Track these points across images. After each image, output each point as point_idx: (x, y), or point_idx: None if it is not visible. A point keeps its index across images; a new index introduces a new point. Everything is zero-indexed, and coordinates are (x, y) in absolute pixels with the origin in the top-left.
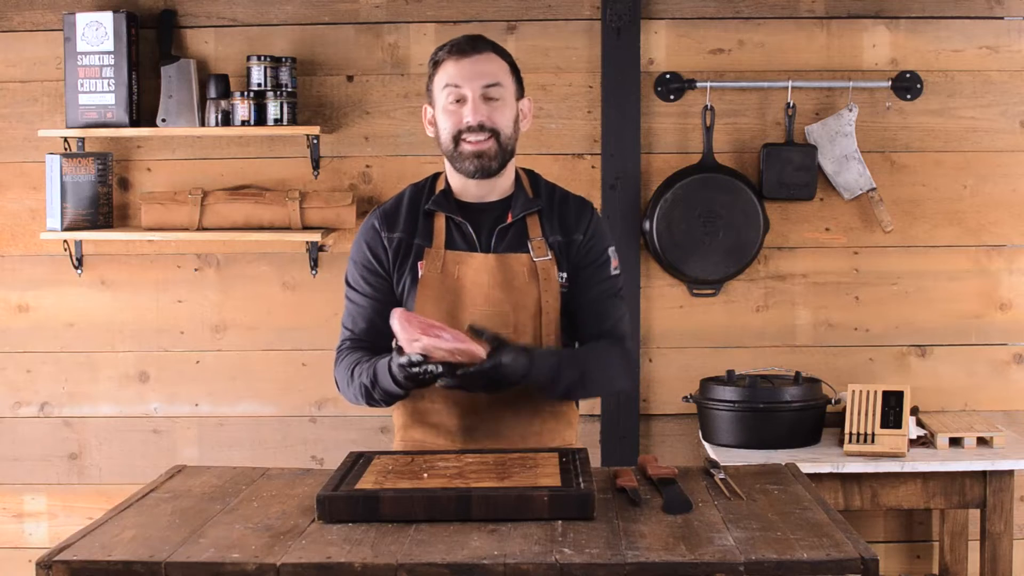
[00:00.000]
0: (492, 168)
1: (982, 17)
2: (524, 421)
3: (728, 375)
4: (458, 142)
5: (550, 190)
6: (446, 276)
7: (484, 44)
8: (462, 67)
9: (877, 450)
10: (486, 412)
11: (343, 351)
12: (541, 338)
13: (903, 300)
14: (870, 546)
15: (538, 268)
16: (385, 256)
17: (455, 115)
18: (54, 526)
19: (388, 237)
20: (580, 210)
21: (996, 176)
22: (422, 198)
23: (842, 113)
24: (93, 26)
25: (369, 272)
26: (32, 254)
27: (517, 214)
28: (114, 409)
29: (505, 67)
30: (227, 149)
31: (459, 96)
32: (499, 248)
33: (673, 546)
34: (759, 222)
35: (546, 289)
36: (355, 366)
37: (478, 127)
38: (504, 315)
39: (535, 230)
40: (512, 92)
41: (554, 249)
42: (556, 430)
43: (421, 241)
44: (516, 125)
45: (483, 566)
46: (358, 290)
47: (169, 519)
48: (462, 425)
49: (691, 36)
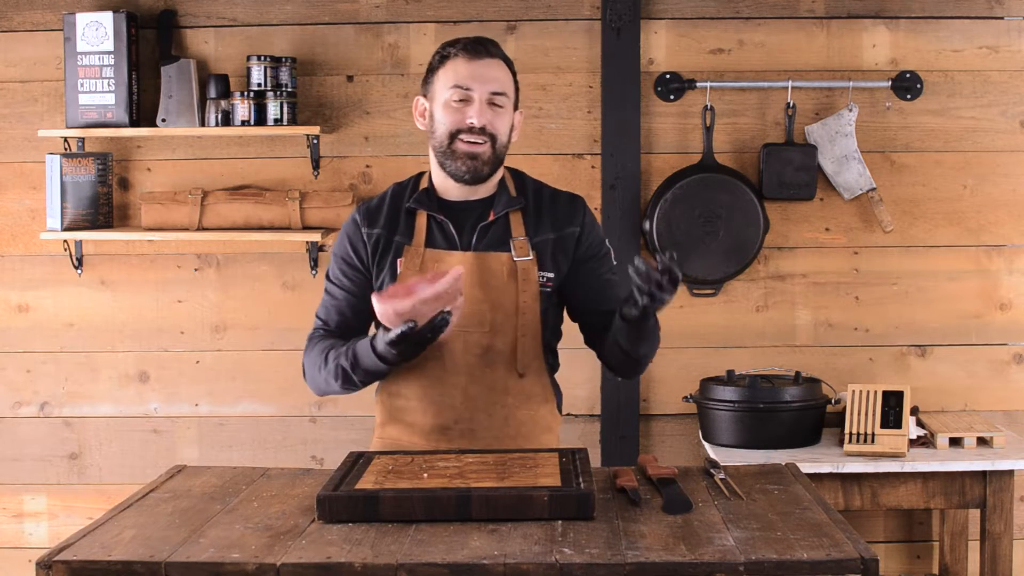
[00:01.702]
0: (483, 173)
1: (982, 17)
2: (498, 423)
3: (728, 375)
4: (454, 140)
5: (537, 188)
6: (424, 274)
7: (496, 50)
8: (473, 69)
9: (877, 450)
10: (461, 413)
11: (314, 339)
12: (518, 338)
13: (903, 300)
14: (870, 546)
15: (518, 268)
16: (364, 251)
17: (457, 113)
18: (54, 526)
19: (368, 233)
20: (572, 204)
21: (996, 176)
22: (404, 195)
23: (842, 113)
24: (93, 26)
25: (348, 266)
26: (32, 254)
27: (499, 211)
28: (114, 409)
29: (510, 78)
30: (227, 149)
31: (465, 96)
32: (480, 246)
33: (673, 546)
34: (759, 222)
35: (524, 289)
36: (328, 350)
37: (480, 129)
38: (481, 314)
39: (518, 229)
40: (512, 101)
41: (540, 249)
42: (533, 434)
43: (401, 239)
44: (510, 135)
45: (483, 566)
46: (335, 283)
47: (169, 519)
48: (436, 424)
49: (691, 36)
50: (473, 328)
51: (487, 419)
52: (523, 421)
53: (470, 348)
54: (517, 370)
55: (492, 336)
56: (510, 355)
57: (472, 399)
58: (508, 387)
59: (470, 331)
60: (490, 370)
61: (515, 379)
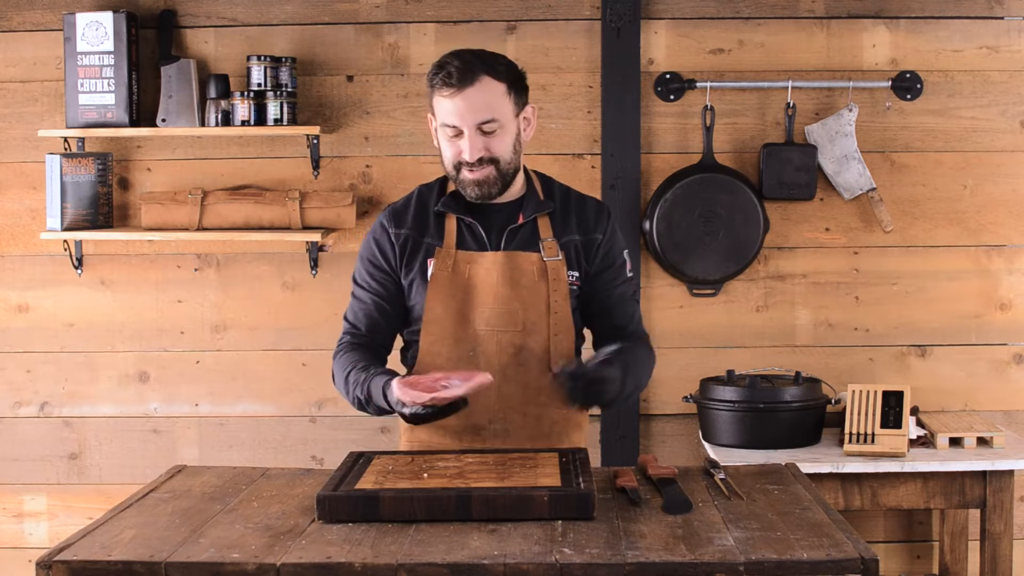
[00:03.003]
0: (492, 194)
1: (982, 17)
2: (532, 423)
3: (728, 375)
4: (459, 170)
5: (564, 192)
6: (457, 275)
7: (477, 70)
8: (456, 105)
9: (877, 450)
10: (495, 413)
11: (343, 346)
12: (551, 337)
13: (903, 300)
14: (870, 546)
15: (548, 268)
16: (392, 252)
17: (454, 147)
18: (54, 526)
19: (395, 233)
20: (599, 211)
21: (996, 176)
22: (431, 197)
23: (842, 113)
24: (93, 26)
25: (375, 268)
26: (32, 254)
27: (528, 215)
28: (114, 409)
29: (501, 89)
30: (227, 149)
31: (455, 132)
32: (509, 248)
33: (673, 546)
34: (759, 222)
35: (555, 288)
36: (350, 371)
37: (476, 162)
38: (513, 313)
39: (546, 231)
40: (510, 114)
41: (567, 250)
42: (565, 432)
43: (432, 240)
44: (517, 145)
45: (483, 566)
46: (363, 286)
47: (169, 519)
48: (470, 425)
49: (691, 36)
50: (506, 328)
51: (521, 418)
52: (556, 420)
53: (504, 348)
54: (551, 369)
55: (525, 336)
56: (543, 354)
57: (506, 398)
58: (541, 386)
59: (503, 331)
60: (523, 369)
61: (548, 378)
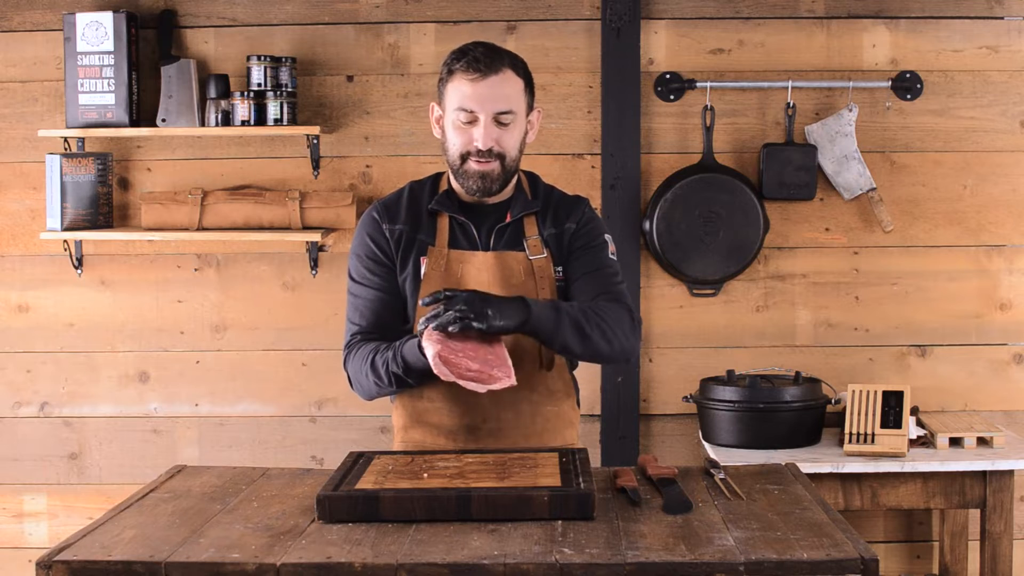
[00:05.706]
0: (493, 190)
1: (982, 17)
2: (525, 420)
3: (728, 375)
4: (465, 160)
5: (547, 191)
6: (449, 274)
7: (502, 60)
8: (478, 90)
9: (877, 450)
10: (488, 411)
11: (353, 345)
12: None
13: (903, 300)
14: (870, 546)
15: (534, 266)
16: (388, 246)
17: (465, 134)
18: (54, 526)
19: (390, 228)
20: (574, 204)
21: (996, 176)
22: (423, 195)
23: (842, 113)
24: (93, 26)
25: (373, 262)
26: (32, 254)
27: (516, 214)
28: (114, 409)
29: (520, 86)
30: (227, 149)
31: (471, 119)
32: (497, 247)
33: (673, 546)
34: (759, 222)
35: (543, 286)
36: (374, 354)
37: (487, 152)
38: None
39: (531, 229)
40: (523, 111)
41: (549, 244)
42: (557, 429)
43: (425, 238)
44: (522, 145)
45: (483, 566)
46: (363, 283)
47: (169, 519)
48: (463, 424)
49: (691, 36)
50: None
51: (514, 416)
52: (548, 417)
53: None
54: (543, 365)
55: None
56: (534, 351)
57: (499, 397)
58: (534, 383)
59: None
60: (516, 367)
61: (540, 375)
